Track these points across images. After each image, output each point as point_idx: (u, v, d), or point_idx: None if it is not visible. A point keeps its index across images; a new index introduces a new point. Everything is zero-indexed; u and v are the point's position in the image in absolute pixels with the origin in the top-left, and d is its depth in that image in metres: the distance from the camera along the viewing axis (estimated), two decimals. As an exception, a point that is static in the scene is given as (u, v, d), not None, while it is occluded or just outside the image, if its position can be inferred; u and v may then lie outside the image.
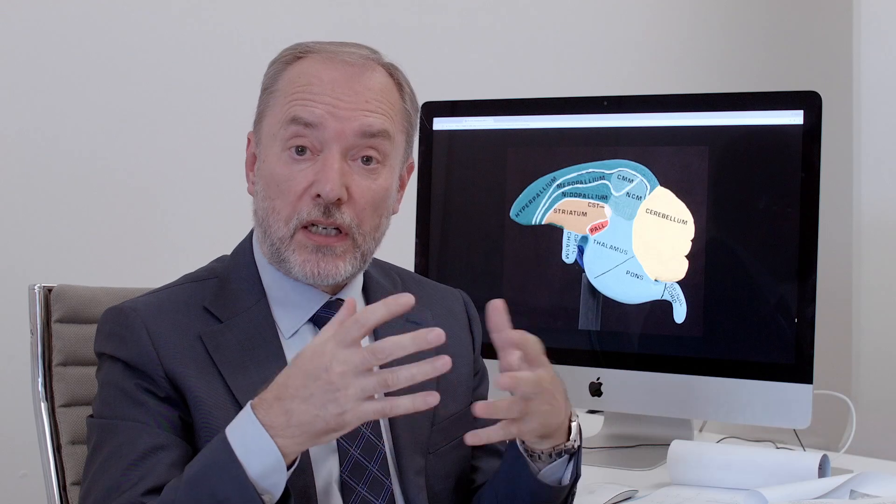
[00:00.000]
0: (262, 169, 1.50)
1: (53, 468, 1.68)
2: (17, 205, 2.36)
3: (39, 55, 2.39)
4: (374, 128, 1.48)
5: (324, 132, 1.46)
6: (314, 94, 1.47)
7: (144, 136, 2.55)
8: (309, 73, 1.49)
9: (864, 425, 2.32)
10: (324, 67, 1.49)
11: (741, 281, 2.09)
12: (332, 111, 1.46)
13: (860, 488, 1.65)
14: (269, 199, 1.49)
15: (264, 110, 1.52)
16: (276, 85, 1.51)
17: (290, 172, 1.47)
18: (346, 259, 1.49)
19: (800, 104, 2.06)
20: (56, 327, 1.72)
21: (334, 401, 1.27)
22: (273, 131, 1.49)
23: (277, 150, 1.48)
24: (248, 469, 1.29)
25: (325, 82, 1.47)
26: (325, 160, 1.46)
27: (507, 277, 2.27)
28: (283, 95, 1.49)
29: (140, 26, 2.54)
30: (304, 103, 1.46)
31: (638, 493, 1.86)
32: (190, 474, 1.33)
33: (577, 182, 2.21)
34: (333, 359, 1.27)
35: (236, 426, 1.32)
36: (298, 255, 1.47)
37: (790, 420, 2.05)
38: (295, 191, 1.46)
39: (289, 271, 1.49)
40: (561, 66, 3.38)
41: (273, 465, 1.30)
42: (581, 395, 2.20)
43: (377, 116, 1.48)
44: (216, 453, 1.32)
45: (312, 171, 1.46)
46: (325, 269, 1.47)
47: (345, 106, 1.46)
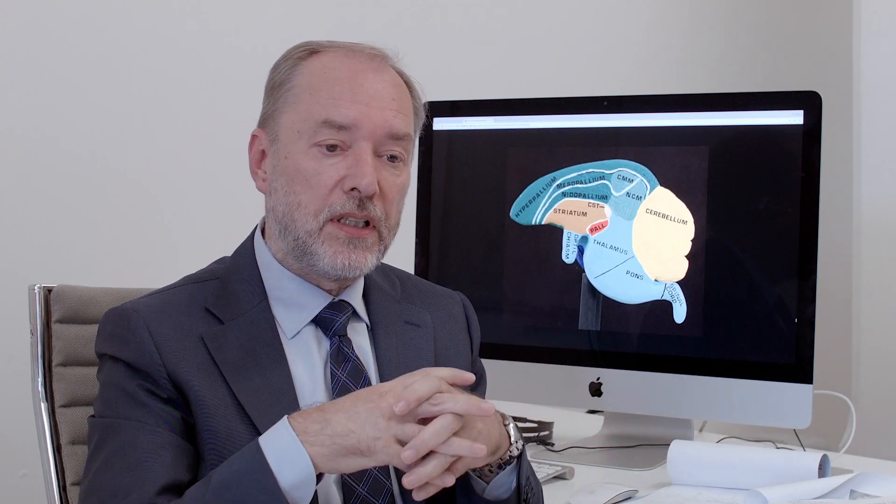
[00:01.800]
0: (285, 165, 1.49)
1: (53, 468, 1.68)
2: (17, 205, 2.36)
3: (39, 55, 2.39)
4: (401, 131, 1.50)
5: (357, 132, 1.47)
6: (344, 93, 1.48)
7: (144, 137, 2.56)
8: (333, 69, 1.50)
9: (864, 425, 2.32)
10: (346, 63, 1.50)
11: (741, 281, 2.09)
12: (364, 111, 1.47)
13: (860, 488, 1.65)
14: (295, 195, 1.48)
15: (280, 107, 1.51)
16: (294, 81, 1.51)
17: (319, 167, 1.47)
18: (374, 252, 1.50)
19: (800, 104, 2.06)
20: (56, 327, 1.72)
21: (375, 425, 1.30)
22: (298, 128, 1.48)
23: (303, 146, 1.48)
24: (280, 479, 1.30)
25: (353, 80, 1.49)
26: (359, 156, 1.47)
27: (507, 277, 2.27)
28: (309, 92, 1.49)
29: (140, 27, 2.54)
30: (336, 104, 1.47)
31: (638, 493, 1.86)
32: (219, 480, 1.33)
33: (577, 182, 2.21)
34: (391, 392, 1.32)
35: (270, 435, 1.33)
36: (329, 247, 1.48)
37: (790, 420, 2.05)
38: (326, 184, 1.47)
39: (312, 265, 1.49)
40: (561, 66, 3.38)
41: (305, 477, 1.31)
42: (581, 395, 2.20)
43: (402, 118, 1.51)
44: (248, 461, 1.32)
45: (344, 166, 1.47)
46: (355, 260, 1.48)
47: (375, 105, 1.48)
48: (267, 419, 1.40)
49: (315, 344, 1.52)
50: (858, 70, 3.44)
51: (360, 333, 1.56)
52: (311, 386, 1.49)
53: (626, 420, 2.25)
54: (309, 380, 1.49)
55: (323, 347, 1.52)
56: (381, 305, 1.59)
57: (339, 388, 1.48)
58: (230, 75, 2.66)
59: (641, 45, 3.65)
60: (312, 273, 1.51)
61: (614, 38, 3.57)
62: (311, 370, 1.50)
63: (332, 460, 1.32)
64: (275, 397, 1.44)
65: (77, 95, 2.45)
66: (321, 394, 1.49)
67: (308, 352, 1.51)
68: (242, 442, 1.39)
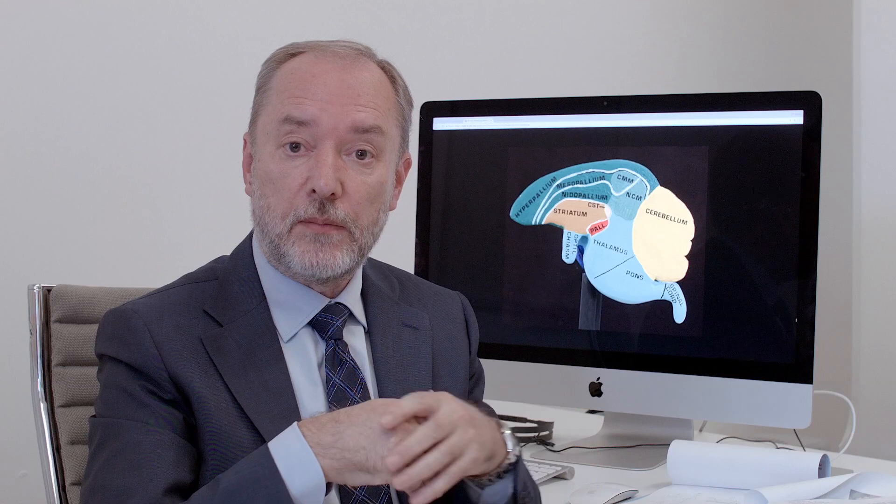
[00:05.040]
0: (258, 168, 1.50)
1: (53, 468, 1.68)
2: (17, 205, 2.36)
3: (39, 55, 2.39)
4: (366, 123, 1.47)
5: (317, 129, 1.46)
6: (306, 91, 1.47)
7: (144, 137, 2.56)
8: (301, 70, 1.49)
9: (864, 425, 2.32)
10: (315, 63, 1.49)
11: (741, 281, 2.09)
12: (324, 107, 1.46)
13: (860, 488, 1.65)
14: (265, 197, 1.48)
15: (259, 110, 1.52)
16: (270, 84, 1.51)
17: (284, 169, 1.46)
18: (343, 250, 1.47)
19: (800, 104, 2.06)
20: (55, 327, 1.72)
21: (386, 443, 1.31)
22: (267, 130, 1.49)
23: (272, 148, 1.48)
24: (290, 486, 1.30)
25: (317, 78, 1.47)
26: (319, 156, 1.45)
27: (507, 277, 2.27)
28: (277, 94, 1.49)
29: (140, 27, 2.54)
30: (297, 101, 1.46)
31: (638, 493, 1.86)
32: (227, 485, 1.33)
33: (577, 182, 2.21)
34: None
35: (280, 442, 1.33)
36: (298, 247, 1.46)
37: (790, 420, 2.05)
38: (290, 187, 1.46)
39: (288, 267, 1.49)
40: (561, 66, 3.39)
41: (315, 485, 1.31)
42: (581, 395, 2.20)
43: (369, 111, 1.48)
44: (257, 467, 1.32)
45: (307, 168, 1.46)
46: (323, 259, 1.46)
47: (337, 101, 1.46)
48: (266, 421, 1.40)
49: (311, 346, 1.51)
50: (858, 70, 3.43)
51: (356, 336, 1.56)
52: (309, 389, 1.49)
53: (626, 420, 2.25)
54: (306, 382, 1.49)
55: (319, 350, 1.52)
56: (378, 307, 1.59)
57: (335, 391, 1.48)
58: (230, 75, 2.66)
59: (641, 45, 3.66)
60: (291, 275, 1.51)
61: (614, 38, 3.57)
62: (308, 373, 1.50)
63: (340, 474, 1.33)
64: (273, 399, 1.44)
65: (77, 95, 2.45)
66: (319, 397, 1.49)
67: (304, 354, 1.50)
68: (243, 443, 1.39)
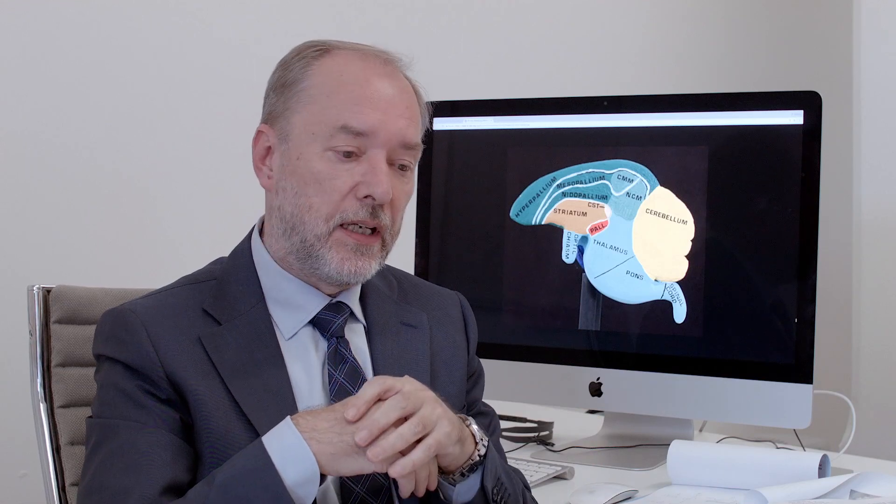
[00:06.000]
0: (296, 166, 1.49)
1: (52, 469, 1.68)
2: (16, 205, 2.36)
3: (39, 55, 2.39)
4: (413, 141, 1.52)
5: (373, 139, 1.47)
6: (363, 99, 1.47)
7: (144, 137, 2.56)
8: (349, 72, 1.49)
9: (864, 425, 2.32)
10: (363, 68, 1.50)
11: (741, 281, 2.09)
12: (382, 119, 1.47)
13: (860, 488, 1.65)
14: (306, 196, 1.48)
15: (292, 106, 1.50)
16: (308, 81, 1.49)
17: (334, 171, 1.47)
18: (377, 259, 1.51)
19: (800, 104, 2.06)
20: (55, 328, 1.72)
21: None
22: (313, 130, 1.48)
23: (318, 148, 1.47)
24: (284, 477, 1.31)
25: (371, 84, 1.48)
26: (374, 163, 1.47)
27: (507, 277, 2.27)
28: (324, 95, 1.48)
29: (140, 27, 2.54)
30: (357, 111, 1.47)
31: (638, 493, 1.86)
32: (222, 479, 1.33)
33: (577, 182, 2.21)
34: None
35: (273, 434, 1.34)
36: (336, 253, 1.48)
37: (790, 420, 2.05)
38: (339, 190, 1.47)
39: (318, 268, 1.49)
40: (561, 66, 3.38)
41: (309, 474, 1.32)
42: (581, 395, 2.20)
43: (414, 127, 1.52)
44: (251, 459, 1.33)
45: (359, 172, 1.47)
46: (361, 267, 1.49)
47: (392, 111, 1.48)
48: (265, 420, 1.40)
49: (312, 345, 1.52)
50: (858, 70, 3.43)
51: (357, 334, 1.56)
52: (309, 387, 1.49)
53: (625, 420, 2.25)
54: (306, 381, 1.49)
55: (320, 348, 1.52)
56: (377, 306, 1.59)
57: (337, 389, 1.48)
58: (230, 76, 2.66)
59: (641, 45, 3.66)
60: (314, 276, 1.51)
61: (614, 38, 3.57)
62: (309, 371, 1.50)
63: (336, 460, 1.33)
64: (272, 398, 1.44)
65: (77, 96, 2.45)
66: (318, 395, 1.49)
67: (305, 353, 1.51)
68: (241, 442, 1.39)
